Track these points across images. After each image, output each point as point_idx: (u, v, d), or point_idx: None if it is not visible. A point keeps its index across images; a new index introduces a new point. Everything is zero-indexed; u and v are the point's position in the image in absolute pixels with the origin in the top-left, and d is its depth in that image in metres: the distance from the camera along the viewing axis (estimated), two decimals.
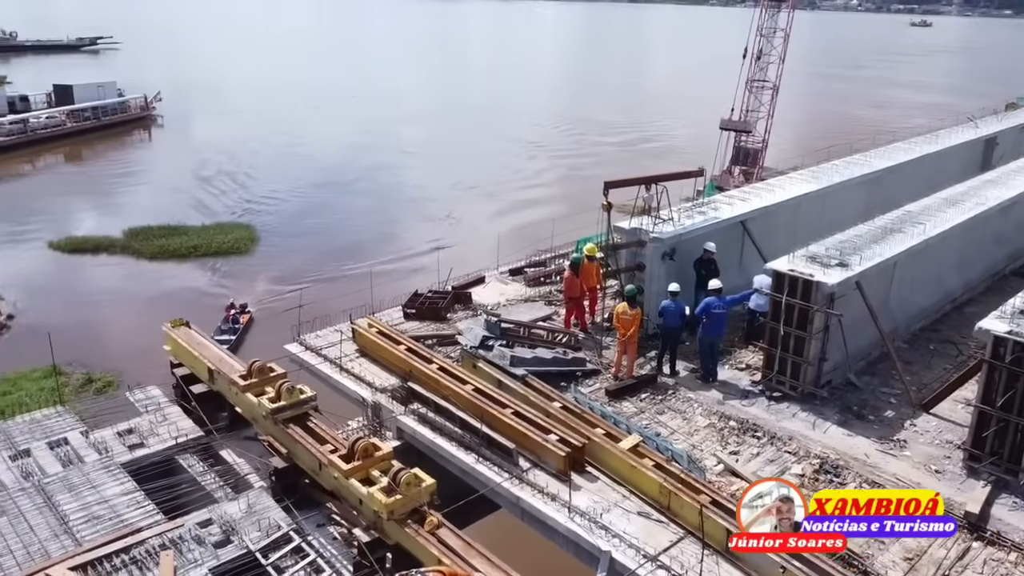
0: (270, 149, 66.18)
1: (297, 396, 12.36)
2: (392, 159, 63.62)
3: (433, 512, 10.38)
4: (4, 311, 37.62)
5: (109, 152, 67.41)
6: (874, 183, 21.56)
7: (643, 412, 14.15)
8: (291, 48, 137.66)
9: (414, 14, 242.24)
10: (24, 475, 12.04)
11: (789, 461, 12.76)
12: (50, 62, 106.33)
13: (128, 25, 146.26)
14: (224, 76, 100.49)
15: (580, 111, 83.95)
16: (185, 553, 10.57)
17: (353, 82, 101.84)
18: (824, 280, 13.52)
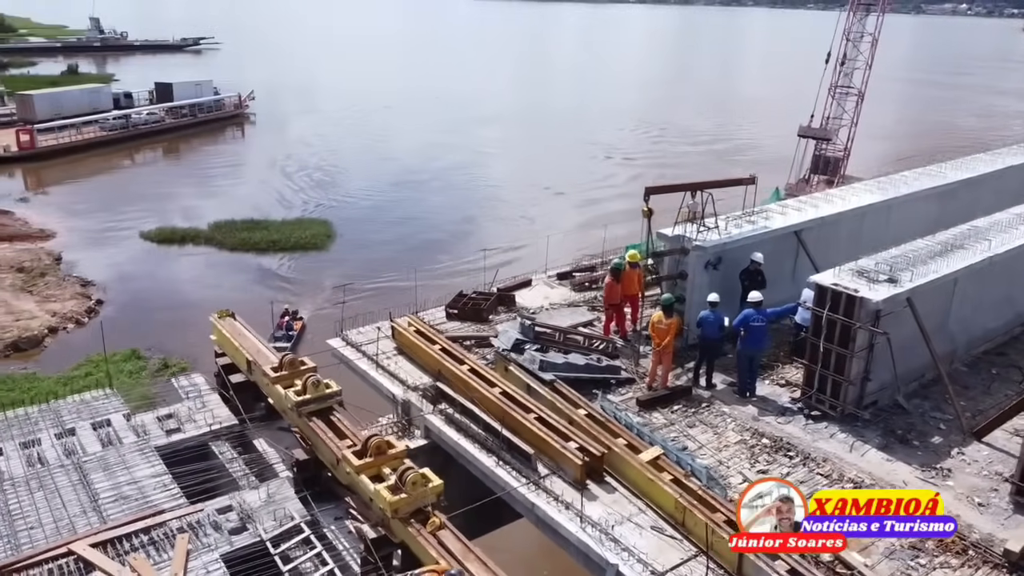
0: (354, 148, 67.85)
1: (322, 390, 12.58)
2: (470, 159, 64.28)
3: (438, 513, 10.39)
4: (94, 296, 39.76)
5: (204, 148, 70.33)
6: (948, 196, 20.51)
7: (673, 424, 13.82)
8: (383, 50, 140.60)
9: (506, 17, 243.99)
10: (66, 453, 12.65)
11: (821, 483, 12.24)
12: (156, 61, 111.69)
13: (229, 26, 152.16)
14: (316, 77, 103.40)
15: (665, 116, 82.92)
16: (201, 537, 10.90)
17: (440, 83, 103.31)
18: (869, 296, 12.91)
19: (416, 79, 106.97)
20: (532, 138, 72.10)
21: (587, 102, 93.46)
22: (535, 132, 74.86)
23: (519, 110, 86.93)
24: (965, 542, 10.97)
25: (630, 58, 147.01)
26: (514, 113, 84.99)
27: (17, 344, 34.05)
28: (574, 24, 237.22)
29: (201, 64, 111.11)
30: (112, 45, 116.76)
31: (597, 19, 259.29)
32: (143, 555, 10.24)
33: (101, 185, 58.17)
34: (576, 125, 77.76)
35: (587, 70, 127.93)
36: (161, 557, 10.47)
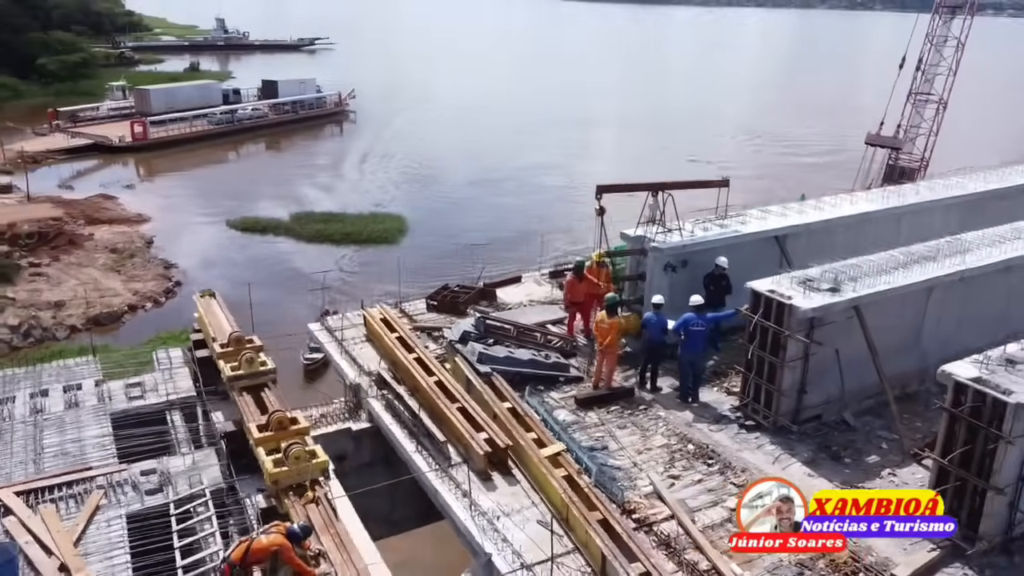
0: (444, 146, 69.42)
1: (256, 367, 13.30)
2: (554, 161, 64.60)
3: (317, 488, 10.84)
4: (174, 278, 42.49)
5: (303, 143, 73.57)
6: (971, 207, 19.34)
7: (603, 424, 13.79)
8: (490, 52, 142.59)
9: (614, 19, 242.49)
10: (34, 411, 13.86)
11: (729, 493, 11.98)
12: (273, 60, 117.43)
13: (345, 28, 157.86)
14: (420, 77, 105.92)
15: (769, 123, 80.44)
16: (118, 495, 11.77)
17: (540, 84, 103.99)
18: (799, 304, 12.49)
19: (515, 80, 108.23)
20: (623, 143, 71.59)
21: (689, 107, 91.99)
22: (627, 137, 74.30)
23: (616, 114, 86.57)
24: (858, 564, 10.53)
25: (740, 63, 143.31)
26: (609, 117, 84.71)
27: (98, 319, 36.84)
28: (685, 27, 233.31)
29: (314, 63, 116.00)
30: (234, 44, 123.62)
31: (710, 22, 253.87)
32: (54, 506, 11.17)
33: (202, 175, 61.98)
34: (673, 130, 76.63)
35: (693, 74, 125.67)
36: (77, 509, 11.39)
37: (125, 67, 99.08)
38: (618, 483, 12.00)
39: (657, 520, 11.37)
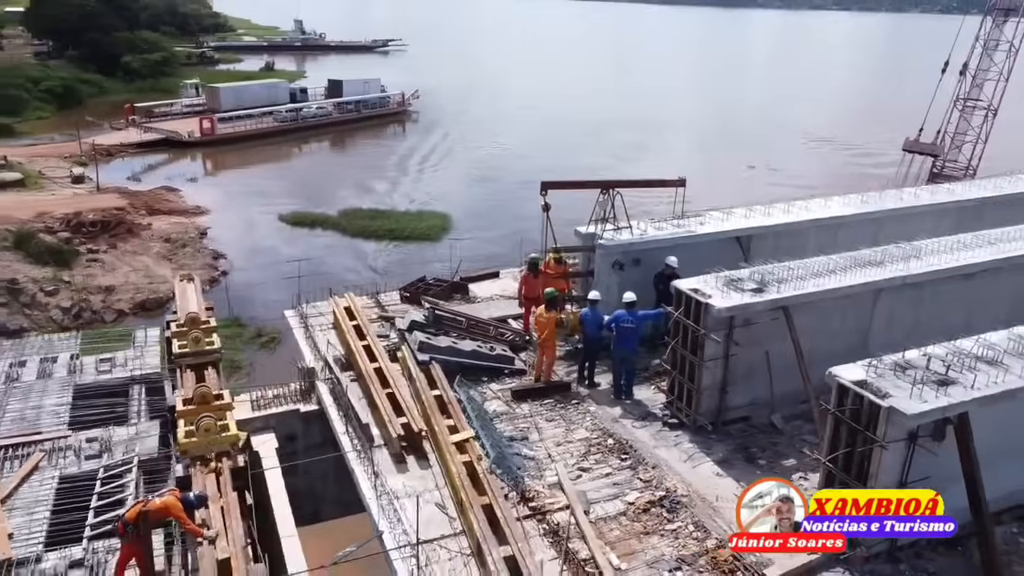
0: (503, 148, 70.08)
1: (202, 347, 14.07)
2: (608, 162, 64.44)
3: (224, 461, 11.46)
4: (221, 268, 44.37)
5: (364, 141, 75.42)
6: (967, 213, 18.76)
7: (532, 416, 14.06)
8: (563, 55, 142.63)
9: (694, 22, 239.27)
10: (8, 379, 14.99)
11: (633, 488, 12.11)
12: (347, 60, 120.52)
13: (420, 29, 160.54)
14: (489, 79, 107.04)
15: (841, 131, 78.25)
16: (59, 459, 12.69)
17: (609, 86, 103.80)
18: (714, 303, 12.50)
19: (583, 82, 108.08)
20: (679, 147, 70.75)
21: (759, 111, 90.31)
22: (685, 141, 73.43)
23: (680, 117, 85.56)
24: (739, 563, 10.55)
25: (819, 67, 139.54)
26: (673, 120, 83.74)
27: (144, 304, 38.82)
28: (765, 31, 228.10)
29: (386, 64, 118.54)
30: (311, 45, 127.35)
31: (793, 26, 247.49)
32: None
33: (263, 171, 64.26)
34: (736, 135, 75.33)
35: (768, 79, 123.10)
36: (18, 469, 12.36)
37: (205, 66, 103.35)
38: (525, 472, 12.26)
39: (552, 509, 11.59)
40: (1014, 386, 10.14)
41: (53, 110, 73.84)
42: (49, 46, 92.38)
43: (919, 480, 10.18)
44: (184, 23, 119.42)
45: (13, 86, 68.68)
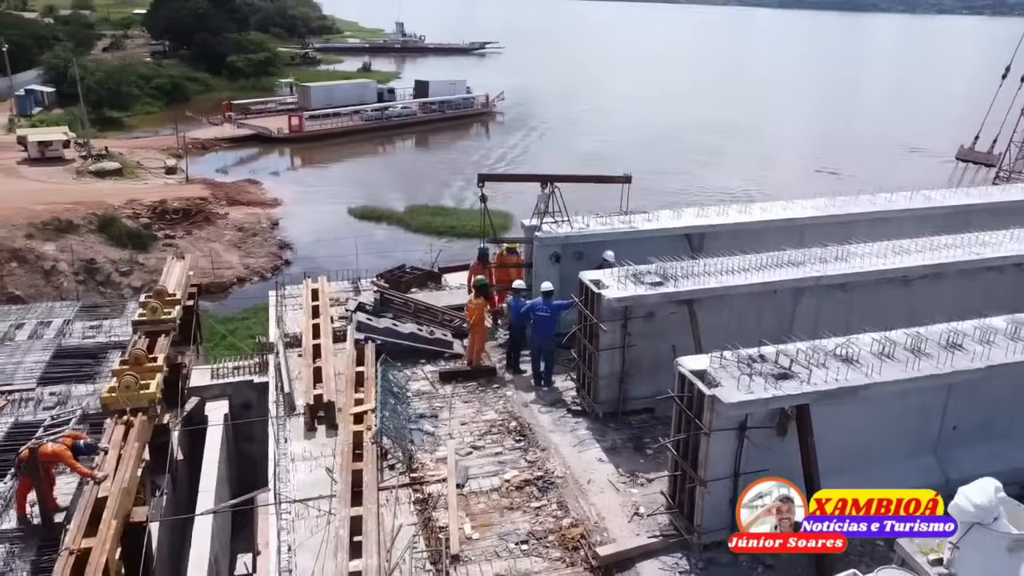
0: (580, 149, 70.44)
1: (159, 316, 15.42)
2: (681, 166, 64.00)
3: (136, 417, 12.64)
4: (284, 257, 46.84)
5: (446, 141, 77.23)
6: (950, 220, 18.12)
7: (451, 397, 14.73)
8: (669, 59, 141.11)
9: (813, 26, 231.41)
10: (3, 337, 16.84)
11: (515, 468, 12.62)
12: (443, 62, 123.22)
13: (518, 33, 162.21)
14: (581, 82, 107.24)
15: (940, 141, 74.57)
16: (21, 408, 14.29)
17: (706, 90, 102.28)
18: (606, 294, 12.83)
19: (675, 86, 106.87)
20: (757, 152, 69.14)
21: (856, 118, 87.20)
22: (767, 146, 71.70)
23: (772, 122, 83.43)
24: (583, 541, 10.93)
25: (937, 73, 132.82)
26: (764, 125, 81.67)
27: (208, 287, 41.51)
28: (891, 36, 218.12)
29: (481, 66, 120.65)
30: (410, 47, 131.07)
31: (917, 31, 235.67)
32: None
33: (344, 167, 66.97)
34: (824, 141, 72.96)
35: (875, 85, 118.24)
36: None
37: (308, 66, 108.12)
38: (420, 446, 12.97)
39: (429, 480, 12.25)
40: (856, 383, 10.10)
41: (161, 106, 79.11)
42: (165, 46, 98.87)
43: (754, 472, 10.31)
44: (292, 25, 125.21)
45: (125, 83, 73.89)
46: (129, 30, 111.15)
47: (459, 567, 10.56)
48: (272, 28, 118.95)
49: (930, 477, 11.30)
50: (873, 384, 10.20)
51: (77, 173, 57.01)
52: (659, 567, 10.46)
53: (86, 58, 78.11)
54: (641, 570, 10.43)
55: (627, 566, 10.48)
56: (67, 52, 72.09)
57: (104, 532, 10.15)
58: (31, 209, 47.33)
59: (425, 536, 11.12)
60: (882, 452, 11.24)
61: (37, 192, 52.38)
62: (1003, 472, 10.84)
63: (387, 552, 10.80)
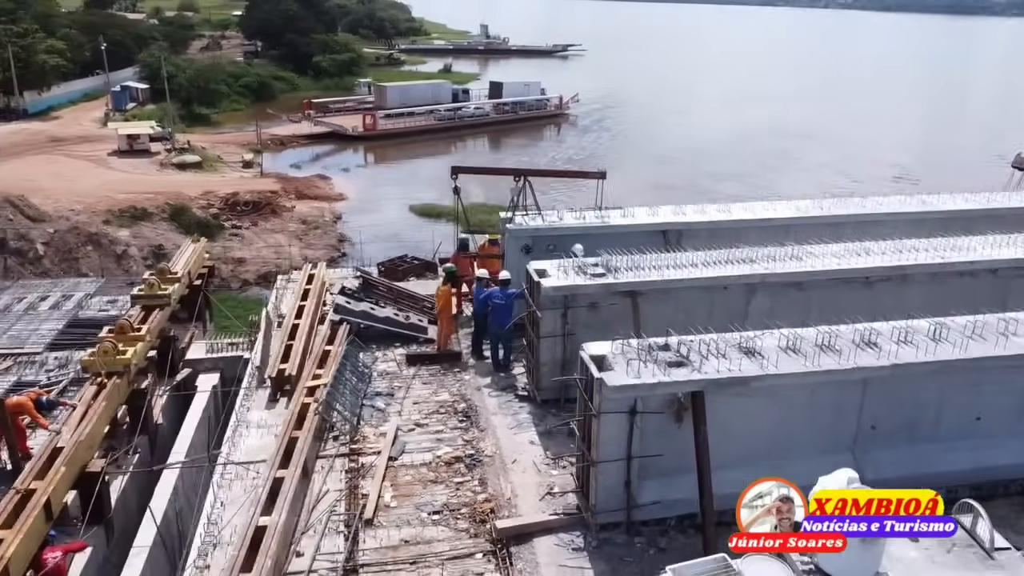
0: (647, 152, 70.27)
1: (155, 291, 16.66)
2: (749, 169, 63.05)
3: (112, 379, 13.79)
4: (342, 250, 48.61)
5: (518, 141, 78.08)
6: (950, 225, 17.73)
7: (412, 378, 15.42)
8: (767, 65, 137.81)
9: (922, 30, 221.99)
10: (28, 307, 18.49)
11: (451, 445, 13.20)
12: (525, 64, 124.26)
13: (606, 36, 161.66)
14: (661, 87, 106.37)
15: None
16: (26, 367, 15.76)
17: (793, 95, 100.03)
18: (545, 282, 13.27)
19: (767, 90, 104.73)
20: (840, 162, 66.84)
21: (956, 126, 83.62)
22: (851, 154, 69.38)
23: (859, 130, 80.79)
24: (491, 516, 11.43)
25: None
26: (851, 132, 79.23)
27: (268, 276, 43.50)
28: (1003, 41, 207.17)
29: (562, 68, 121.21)
30: (493, 49, 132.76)
31: None
32: None
33: (413, 165, 68.65)
34: (912, 149, 70.30)
35: (994, 96, 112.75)
36: None
37: (392, 67, 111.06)
38: (368, 421, 13.72)
39: (366, 452, 12.98)
40: (748, 373, 10.27)
41: (248, 103, 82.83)
42: (257, 46, 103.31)
43: (650, 456, 10.62)
44: (381, 27, 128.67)
45: (214, 81, 77.73)
46: (226, 31, 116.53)
47: (369, 530, 11.22)
48: (361, 30, 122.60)
49: None
50: (765, 376, 10.34)
51: (160, 165, 60.40)
52: (555, 543, 10.85)
53: (180, 57, 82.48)
54: (537, 544, 10.84)
55: (525, 540, 10.91)
56: (161, 51, 76.31)
57: (52, 476, 11.25)
58: (113, 197, 50.49)
59: (348, 501, 11.82)
60: (795, 446, 11.26)
61: (122, 182, 55.79)
62: (927, 476, 10.91)
63: (308, 512, 11.59)
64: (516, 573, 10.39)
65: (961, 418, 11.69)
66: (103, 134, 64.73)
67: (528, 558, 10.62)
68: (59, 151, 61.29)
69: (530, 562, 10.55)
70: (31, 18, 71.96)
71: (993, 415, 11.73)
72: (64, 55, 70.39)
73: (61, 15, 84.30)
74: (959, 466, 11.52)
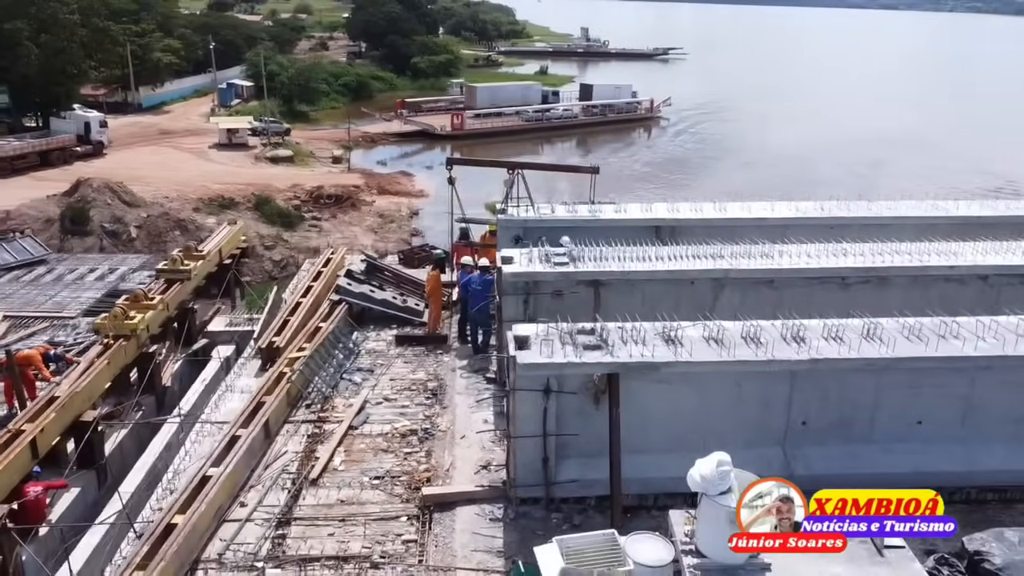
0: (734, 157, 69.15)
1: (177, 267, 18.10)
2: (838, 176, 61.22)
3: (119, 341, 15.17)
4: (412, 243, 50.17)
5: (606, 143, 78.14)
6: (960, 231, 17.22)
7: (396, 357, 16.24)
8: (876, 70, 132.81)
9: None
10: (78, 277, 20.36)
11: (409, 421, 13.90)
12: (624, 67, 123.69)
13: (715, 40, 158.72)
14: (760, 92, 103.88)
15: None
16: (59, 330, 17.45)
17: (892, 103, 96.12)
18: (506, 268, 13.79)
19: (873, 96, 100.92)
20: (936, 170, 63.88)
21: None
22: (949, 163, 66.28)
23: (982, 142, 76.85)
24: (425, 483, 12.08)
25: None
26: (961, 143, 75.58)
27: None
28: None
29: (661, 72, 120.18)
30: (593, 52, 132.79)
31: None
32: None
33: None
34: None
35: None
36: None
37: (490, 68, 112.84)
38: (340, 392, 14.61)
39: (331, 420, 13.85)
40: (658, 360, 10.53)
41: (346, 102, 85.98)
42: (360, 47, 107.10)
43: (565, 435, 11.03)
44: (483, 29, 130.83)
45: (314, 80, 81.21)
46: (335, 32, 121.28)
47: (312, 489, 12.06)
48: (464, 32, 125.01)
49: (771, 470, 11.32)
50: (676, 363, 10.56)
51: (255, 159, 63.71)
52: (476, 512, 11.38)
53: (285, 57, 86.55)
54: (459, 513, 11.40)
55: (449, 508, 11.49)
56: (266, 51, 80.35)
57: (42, 421, 12.62)
58: (209, 187, 53.70)
59: (301, 462, 12.71)
60: (719, 437, 11.27)
61: (218, 173, 59.22)
62: (862, 476, 10.93)
63: (263, 469, 12.54)
64: (431, 536, 11.00)
65: (899, 421, 11.51)
66: (208, 128, 68.79)
67: (447, 524, 11.20)
68: (166, 143, 65.59)
69: (447, 527, 11.13)
70: (152, 19, 77.08)
71: (934, 420, 11.50)
72: (178, 54, 75.11)
73: (180, 16, 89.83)
74: (896, 469, 11.31)
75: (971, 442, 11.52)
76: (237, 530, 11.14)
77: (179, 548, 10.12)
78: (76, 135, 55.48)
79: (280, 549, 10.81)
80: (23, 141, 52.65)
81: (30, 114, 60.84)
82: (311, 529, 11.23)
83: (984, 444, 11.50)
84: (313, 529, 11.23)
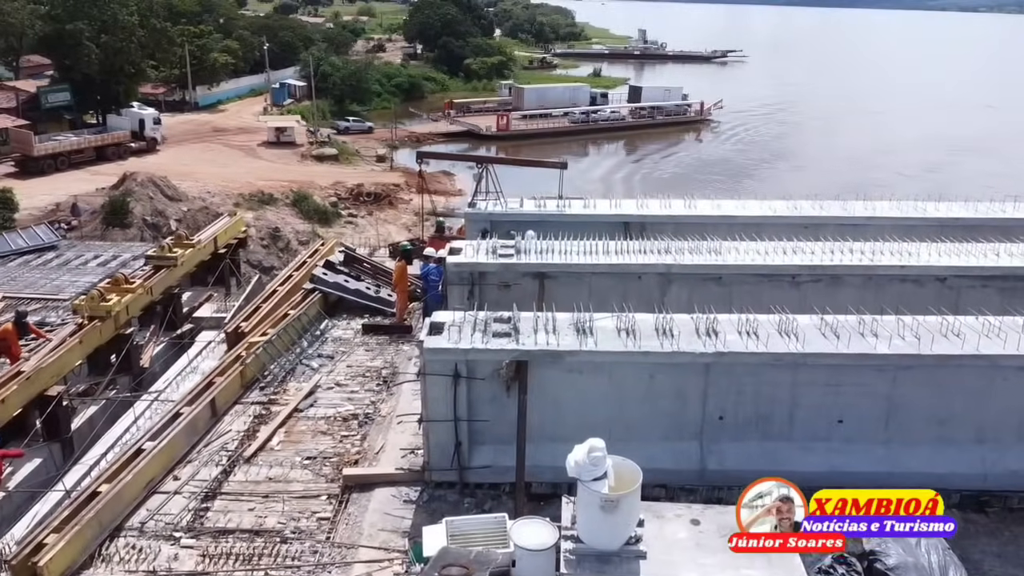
0: (785, 163, 68.10)
1: (164, 253, 18.85)
2: (883, 178, 59.79)
3: (93, 321, 15.92)
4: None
5: (654, 145, 77.73)
6: (966, 233, 16.77)
7: (360, 346, 16.61)
8: (940, 73, 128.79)
9: None
10: (82, 263, 21.35)
11: (354, 405, 14.24)
12: (680, 69, 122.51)
13: (773, 43, 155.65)
14: (822, 97, 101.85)
15: None
16: (49, 311, 18.37)
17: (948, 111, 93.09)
18: (449, 259, 14.02)
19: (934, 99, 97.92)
20: (991, 176, 61.85)
21: None
22: (1006, 169, 64.03)
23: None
24: (346, 460, 12.41)
25: None
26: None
27: None
28: None
29: (718, 74, 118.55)
30: (650, 54, 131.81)
31: None
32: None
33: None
34: None
35: None
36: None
37: (545, 70, 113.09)
38: (296, 377, 15.06)
39: (279, 403, 14.29)
40: (562, 348, 10.63)
41: (397, 102, 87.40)
42: (416, 48, 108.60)
43: (477, 420, 11.20)
44: (541, 31, 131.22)
45: (367, 80, 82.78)
46: (394, 34, 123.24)
47: (245, 467, 12.49)
48: (521, 34, 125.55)
49: (685, 463, 11.41)
50: (580, 352, 10.65)
51: (302, 156, 65.29)
52: (392, 494, 11.62)
53: (340, 58, 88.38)
54: (376, 494, 11.65)
55: (368, 489, 11.76)
56: (320, 52, 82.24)
57: (4, 392, 13.37)
58: (252, 184, 55.28)
59: (241, 441, 13.16)
60: (634, 429, 11.35)
61: (264, 170, 60.88)
62: (778, 473, 10.77)
63: (204, 446, 13.04)
64: (345, 515, 11.29)
65: (819, 419, 11.32)
66: (259, 126, 70.78)
67: (362, 504, 11.47)
68: (218, 140, 67.74)
69: (361, 507, 11.41)
70: (213, 21, 79.69)
71: (856, 420, 11.28)
72: (236, 54, 77.44)
73: (240, 18, 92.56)
74: (814, 468, 11.08)
75: (894, 443, 11.27)
76: (164, 501, 11.62)
77: (98, 514, 10.63)
78: (131, 131, 57.68)
79: (200, 521, 11.24)
80: (80, 137, 55.00)
81: (91, 111, 63.55)
82: (234, 504, 11.64)
83: (907, 446, 11.24)
84: (236, 504, 11.64)
